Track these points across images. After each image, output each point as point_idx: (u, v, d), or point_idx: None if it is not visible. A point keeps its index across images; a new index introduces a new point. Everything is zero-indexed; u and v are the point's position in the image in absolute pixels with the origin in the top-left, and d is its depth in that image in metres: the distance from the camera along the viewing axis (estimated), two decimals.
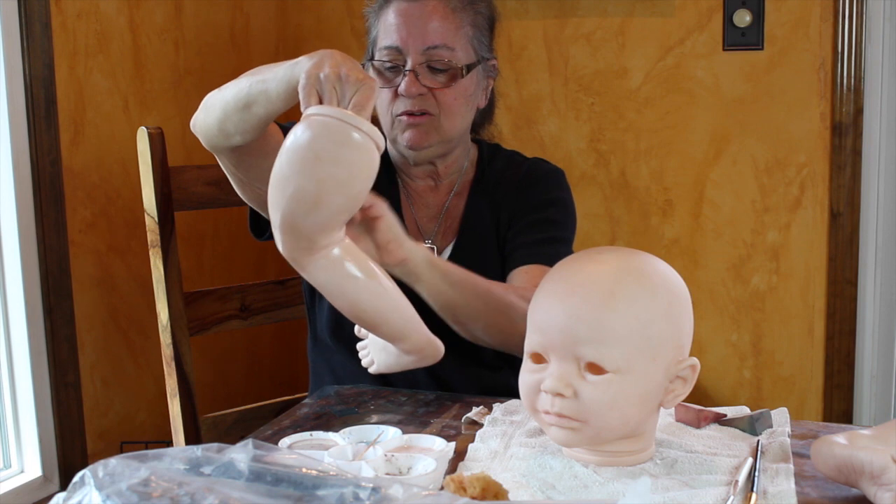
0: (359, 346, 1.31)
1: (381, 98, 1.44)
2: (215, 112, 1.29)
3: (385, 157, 1.54)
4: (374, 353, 1.27)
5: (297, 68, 1.16)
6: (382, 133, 1.18)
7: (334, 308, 1.42)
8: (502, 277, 1.45)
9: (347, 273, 1.12)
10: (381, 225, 1.21)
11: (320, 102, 1.10)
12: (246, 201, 1.44)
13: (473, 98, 1.48)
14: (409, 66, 1.41)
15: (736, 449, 1.06)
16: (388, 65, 1.43)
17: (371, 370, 1.28)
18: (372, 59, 1.47)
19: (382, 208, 1.22)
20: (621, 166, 2.46)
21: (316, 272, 1.12)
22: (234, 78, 1.22)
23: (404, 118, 1.43)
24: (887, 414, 2.36)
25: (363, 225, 1.21)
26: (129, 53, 2.12)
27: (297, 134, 1.08)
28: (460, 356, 1.45)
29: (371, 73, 1.45)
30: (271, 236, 1.32)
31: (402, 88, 1.41)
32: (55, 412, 1.91)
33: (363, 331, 1.30)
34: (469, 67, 1.44)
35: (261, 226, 1.45)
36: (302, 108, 1.11)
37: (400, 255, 1.23)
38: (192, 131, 1.36)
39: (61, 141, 1.92)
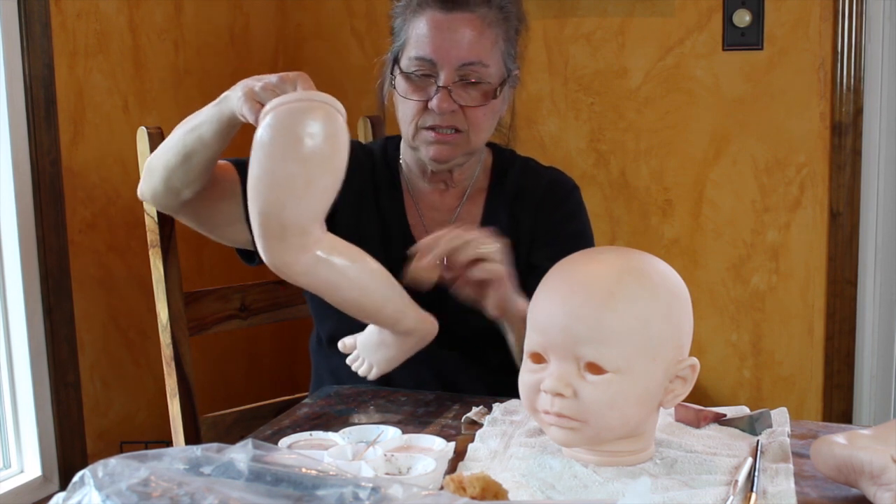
0: (349, 360, 1.29)
1: (407, 106, 1.41)
2: (158, 172, 1.32)
3: (384, 156, 1.54)
4: (370, 356, 1.25)
5: (224, 103, 1.21)
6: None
7: (336, 319, 1.41)
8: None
9: (343, 265, 1.12)
10: (498, 288, 1.23)
11: None
12: (225, 243, 1.45)
13: (499, 112, 1.47)
14: (442, 81, 1.38)
15: (736, 449, 1.06)
16: (419, 75, 1.40)
17: (372, 376, 1.26)
18: (396, 61, 1.43)
19: (501, 272, 1.23)
20: (621, 166, 2.46)
21: (313, 271, 1.11)
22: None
23: (431, 134, 1.40)
24: (887, 414, 2.36)
25: (477, 287, 1.23)
26: (128, 53, 2.12)
27: (268, 126, 1.08)
28: (466, 358, 1.45)
29: (398, 82, 1.42)
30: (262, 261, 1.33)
31: (433, 104, 1.38)
32: (55, 412, 1.90)
33: (348, 343, 1.29)
34: (501, 86, 1.42)
35: (248, 253, 1.46)
36: (251, 120, 1.13)
37: (506, 313, 1.26)
38: (142, 199, 1.41)
39: (61, 141, 1.91)
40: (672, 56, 2.39)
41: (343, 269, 1.12)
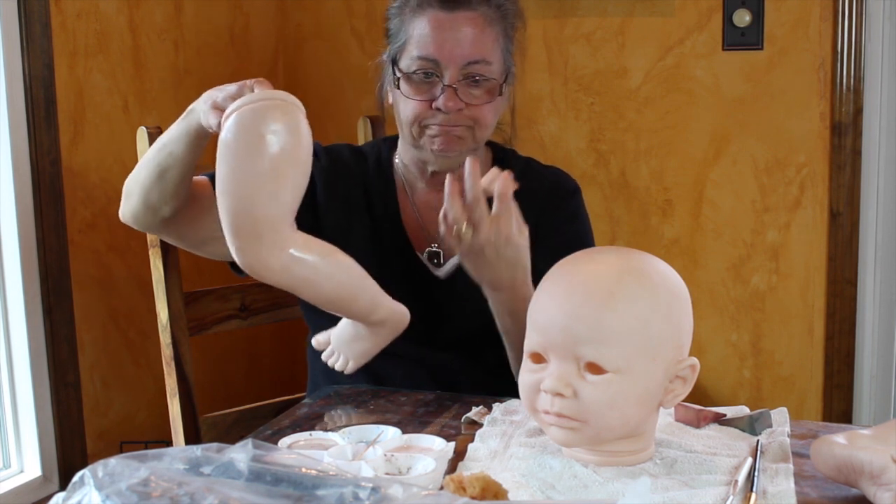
0: (324, 356, 1.29)
1: (409, 106, 1.40)
2: (136, 193, 1.34)
3: (378, 158, 1.54)
4: (346, 350, 1.26)
5: (191, 116, 1.23)
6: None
7: (330, 325, 1.41)
8: None
9: (316, 261, 1.13)
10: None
11: None
12: (211, 258, 1.46)
13: (501, 109, 1.47)
14: (447, 80, 1.37)
15: (736, 449, 1.06)
16: (422, 76, 1.39)
17: (348, 370, 1.27)
18: (395, 62, 1.42)
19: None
20: (621, 166, 2.46)
21: (288, 269, 1.12)
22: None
23: (436, 128, 1.40)
24: (887, 414, 2.36)
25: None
26: (128, 53, 2.12)
27: (231, 128, 1.09)
28: (462, 358, 1.45)
29: (401, 84, 1.41)
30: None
31: (440, 103, 1.37)
32: (55, 412, 1.90)
33: (322, 340, 1.29)
34: (504, 82, 1.42)
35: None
36: (214, 128, 1.15)
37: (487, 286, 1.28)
38: (123, 222, 1.42)
39: (61, 141, 1.91)
40: (672, 56, 2.39)
41: (316, 266, 1.13)
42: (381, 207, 1.49)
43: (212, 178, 1.39)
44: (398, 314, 1.21)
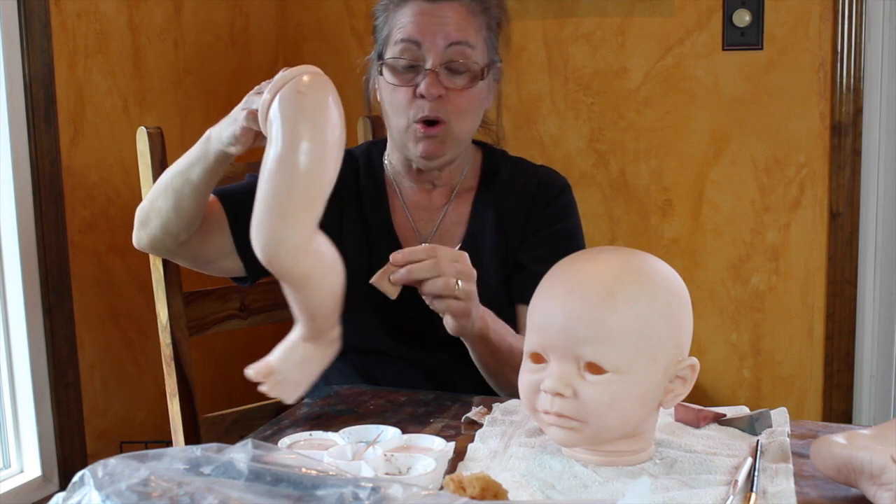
0: (265, 390, 1.18)
1: (397, 99, 1.41)
2: (154, 221, 1.35)
3: (369, 159, 1.54)
4: (295, 374, 1.17)
5: (210, 144, 1.24)
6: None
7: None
8: (500, 288, 1.45)
9: (331, 248, 1.10)
10: (459, 318, 1.26)
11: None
12: (217, 275, 1.47)
13: (485, 102, 1.47)
14: (429, 64, 1.38)
15: (735, 449, 1.06)
16: (405, 62, 1.39)
17: (294, 398, 1.18)
18: (381, 56, 1.43)
19: (463, 311, 1.26)
20: (621, 166, 2.46)
21: (317, 251, 1.09)
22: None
23: (420, 129, 1.40)
24: (887, 414, 2.36)
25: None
26: (128, 53, 2.12)
27: (284, 105, 1.05)
28: (456, 359, 1.45)
29: (384, 72, 1.42)
30: (254, 280, 1.36)
31: (422, 89, 1.37)
32: (55, 412, 1.91)
33: (261, 370, 1.19)
34: (487, 68, 1.42)
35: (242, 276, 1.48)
36: (262, 126, 1.10)
37: (463, 335, 1.29)
38: (139, 249, 1.42)
39: (61, 141, 1.92)
40: (672, 56, 2.39)
41: (333, 253, 1.10)
42: (372, 209, 1.49)
43: (219, 194, 1.39)
44: (338, 334, 1.17)
